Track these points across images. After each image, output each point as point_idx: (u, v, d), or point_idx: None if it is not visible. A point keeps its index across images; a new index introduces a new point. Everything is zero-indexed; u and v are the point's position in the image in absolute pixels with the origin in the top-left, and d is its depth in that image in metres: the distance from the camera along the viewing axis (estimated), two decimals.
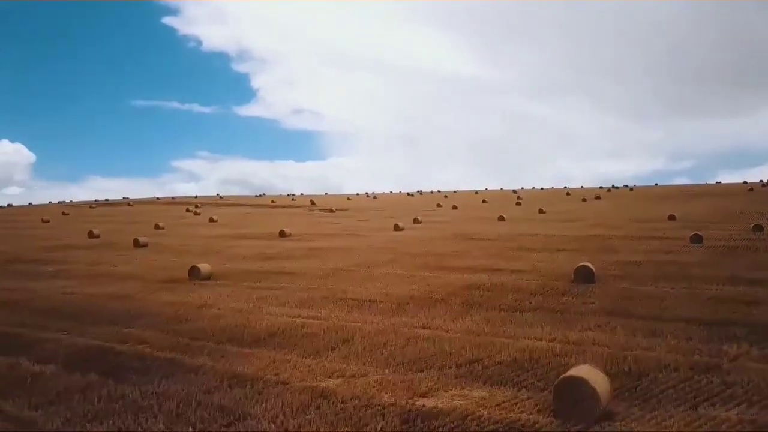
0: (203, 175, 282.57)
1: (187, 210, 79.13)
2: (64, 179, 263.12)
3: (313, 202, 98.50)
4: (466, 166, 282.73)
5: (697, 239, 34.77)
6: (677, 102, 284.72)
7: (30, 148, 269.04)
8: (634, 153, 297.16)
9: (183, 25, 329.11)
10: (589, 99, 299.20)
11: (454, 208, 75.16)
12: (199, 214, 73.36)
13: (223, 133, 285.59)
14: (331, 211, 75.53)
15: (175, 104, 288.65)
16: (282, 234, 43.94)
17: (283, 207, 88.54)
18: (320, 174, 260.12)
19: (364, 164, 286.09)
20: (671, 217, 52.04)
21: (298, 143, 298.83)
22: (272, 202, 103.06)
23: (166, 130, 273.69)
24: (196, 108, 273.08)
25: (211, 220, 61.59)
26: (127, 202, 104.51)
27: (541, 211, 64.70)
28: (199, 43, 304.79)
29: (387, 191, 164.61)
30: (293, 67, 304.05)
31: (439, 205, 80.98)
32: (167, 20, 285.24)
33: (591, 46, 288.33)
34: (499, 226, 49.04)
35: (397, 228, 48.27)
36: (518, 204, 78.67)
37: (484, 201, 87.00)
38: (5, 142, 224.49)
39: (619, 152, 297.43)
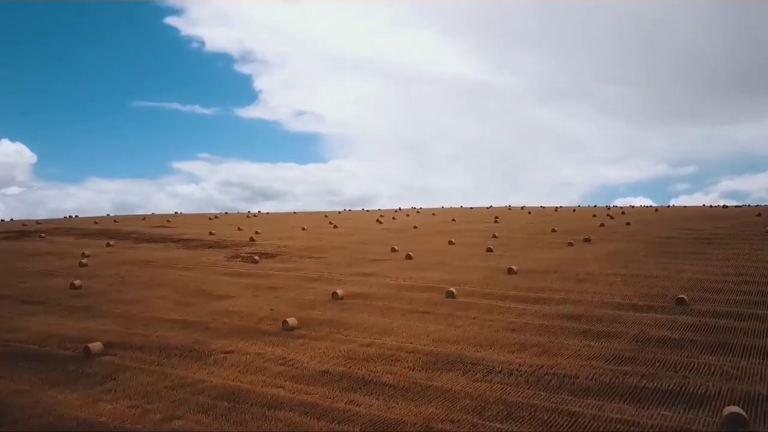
0: (204, 177, 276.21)
1: (83, 255, 64.21)
2: (65, 180, 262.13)
3: (254, 235, 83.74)
4: (467, 170, 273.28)
5: (737, 424, 19.75)
6: (680, 108, 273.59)
7: (31, 149, 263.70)
8: (636, 159, 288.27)
9: (186, 25, 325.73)
10: (593, 104, 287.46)
11: (408, 258, 60.30)
12: (85, 265, 58.50)
13: (224, 135, 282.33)
14: (255, 261, 60.68)
15: (177, 105, 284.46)
16: (88, 353, 29.00)
17: (209, 247, 73.57)
18: (322, 177, 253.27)
19: (366, 167, 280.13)
20: (680, 301, 37.58)
21: (299, 146, 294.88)
22: (210, 233, 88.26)
23: (167, 132, 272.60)
24: (198, 109, 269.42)
25: (72, 285, 46.80)
26: (39, 234, 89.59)
27: (510, 271, 49.99)
28: (202, 44, 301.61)
29: (363, 208, 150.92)
30: (296, 69, 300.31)
31: (394, 250, 66.10)
32: (170, 20, 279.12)
33: (596, 51, 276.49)
34: (437, 324, 34.13)
35: (285, 326, 33.49)
36: (489, 251, 63.81)
37: (450, 242, 72.07)
38: (6, 142, 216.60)
39: (621, 158, 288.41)
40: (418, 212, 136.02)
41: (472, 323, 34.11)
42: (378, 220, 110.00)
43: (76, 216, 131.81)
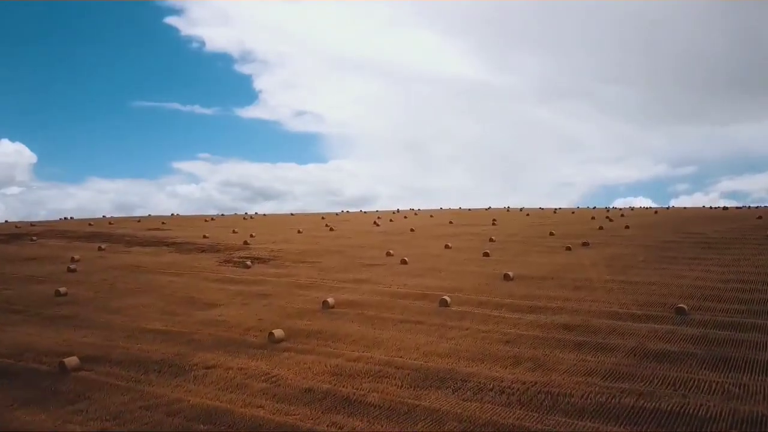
0: (204, 177, 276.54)
1: (72, 260, 63.06)
2: (65, 180, 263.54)
3: (249, 238, 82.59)
4: (467, 170, 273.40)
5: None
6: (680, 108, 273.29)
7: (31, 149, 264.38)
8: (636, 159, 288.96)
9: (186, 25, 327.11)
10: (593, 104, 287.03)
11: (403, 263, 59.19)
12: (73, 270, 57.37)
13: (224, 135, 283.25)
14: (247, 266, 59.66)
15: (177, 105, 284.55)
16: (63, 368, 27.83)
17: (202, 251, 72.51)
18: (322, 177, 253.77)
19: (366, 167, 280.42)
20: (680, 311, 36.64)
21: (299, 146, 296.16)
22: (204, 237, 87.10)
23: (167, 132, 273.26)
24: (198, 109, 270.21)
25: (57, 293, 45.77)
26: (30, 237, 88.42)
27: (506, 278, 48.96)
28: (202, 44, 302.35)
29: (361, 210, 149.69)
30: (296, 69, 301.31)
31: (389, 254, 65.01)
32: (170, 20, 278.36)
33: (596, 51, 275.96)
34: (429, 335, 33.06)
35: (271, 338, 32.35)
36: (485, 255, 62.71)
37: (447, 246, 70.97)
38: (6, 141, 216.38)
39: (621, 158, 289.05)
40: (415, 214, 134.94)
41: (465, 335, 33.03)
42: (375, 223, 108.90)
43: (71, 218, 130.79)
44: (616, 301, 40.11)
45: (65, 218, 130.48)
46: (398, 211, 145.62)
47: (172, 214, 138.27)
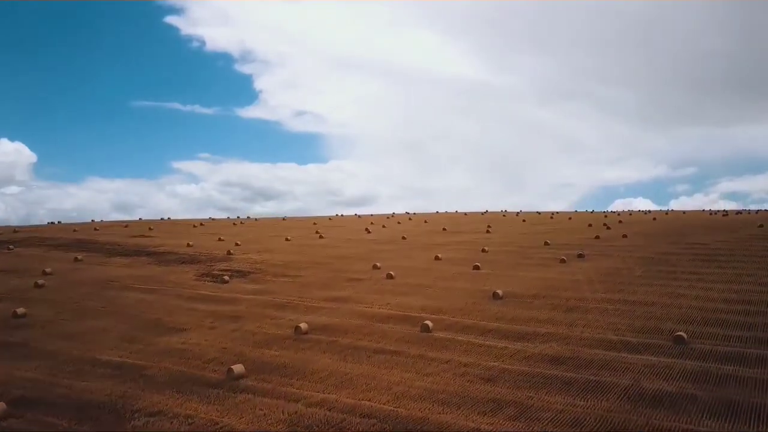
0: (204, 177, 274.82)
1: (43, 273, 60.19)
2: (65, 180, 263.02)
3: (233, 247, 79.70)
4: (467, 171, 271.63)
5: None
6: (680, 109, 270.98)
7: (31, 148, 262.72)
8: (636, 160, 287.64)
9: (186, 25, 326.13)
10: (593, 105, 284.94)
11: (389, 277, 56.32)
12: (41, 285, 54.46)
13: (224, 135, 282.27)
14: (224, 281, 56.80)
15: (177, 105, 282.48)
16: None
17: (182, 262, 69.61)
18: (322, 177, 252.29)
19: (366, 167, 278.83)
20: (678, 339, 34.03)
21: (299, 146, 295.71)
22: (188, 245, 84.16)
23: (167, 131, 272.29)
24: (198, 109, 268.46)
25: (14, 314, 42.80)
26: (8, 245, 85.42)
27: (495, 296, 46.13)
28: (203, 43, 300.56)
29: (356, 214, 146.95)
30: (296, 69, 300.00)
31: (375, 267, 62.14)
32: (170, 20, 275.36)
33: (596, 52, 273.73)
34: (404, 371, 30.22)
35: (230, 375, 29.48)
36: (476, 268, 59.82)
37: (437, 258, 68.05)
38: (6, 141, 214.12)
39: (621, 159, 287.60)
40: (410, 219, 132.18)
41: (445, 370, 30.22)
42: (366, 230, 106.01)
43: (59, 222, 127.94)
44: (611, 326, 37.36)
45: (52, 222, 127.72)
46: (393, 215, 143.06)
47: (161, 218, 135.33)
